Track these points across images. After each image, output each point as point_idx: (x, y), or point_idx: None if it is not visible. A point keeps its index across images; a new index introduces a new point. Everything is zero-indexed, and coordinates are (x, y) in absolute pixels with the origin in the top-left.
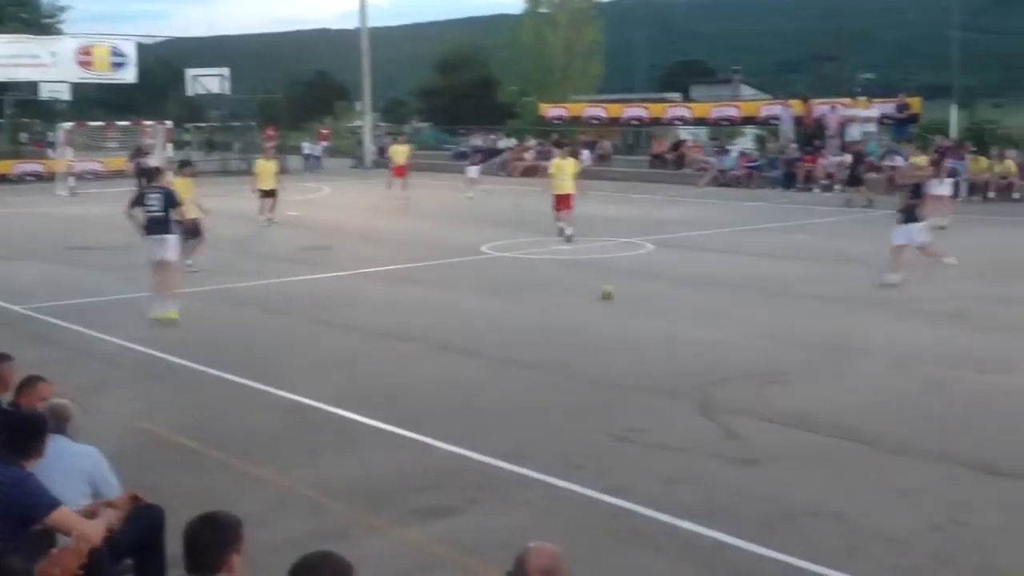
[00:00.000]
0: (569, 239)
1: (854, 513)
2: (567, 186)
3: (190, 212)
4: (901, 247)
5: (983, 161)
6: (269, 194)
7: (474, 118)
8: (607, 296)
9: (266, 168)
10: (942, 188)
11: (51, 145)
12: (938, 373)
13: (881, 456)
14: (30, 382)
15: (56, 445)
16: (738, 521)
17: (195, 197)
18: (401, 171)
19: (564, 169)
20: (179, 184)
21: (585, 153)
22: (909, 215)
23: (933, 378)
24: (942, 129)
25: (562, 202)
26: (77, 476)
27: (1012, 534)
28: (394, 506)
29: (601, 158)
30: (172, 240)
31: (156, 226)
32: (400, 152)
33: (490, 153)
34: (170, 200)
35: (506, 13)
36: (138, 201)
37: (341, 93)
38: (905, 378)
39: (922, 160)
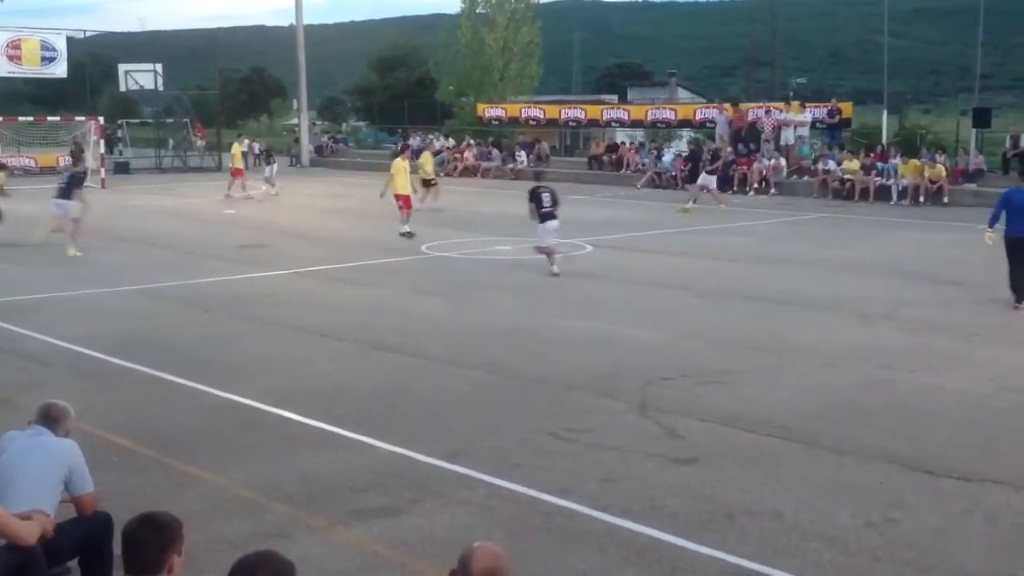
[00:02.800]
0: (410, 235)
1: (790, 511)
2: (407, 186)
3: None
4: (545, 248)
5: (914, 164)
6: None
7: (411, 117)
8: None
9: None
10: (709, 181)
11: None
12: (871, 373)
13: (817, 455)
14: None
15: (38, 439)
16: (677, 520)
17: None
18: (239, 172)
19: (405, 170)
20: None
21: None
22: (550, 216)
23: (866, 378)
24: (873, 134)
25: (407, 201)
26: (53, 467)
27: (944, 531)
28: (334, 506)
29: (539, 159)
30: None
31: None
32: (237, 151)
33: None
34: None
35: (443, 13)
36: None
37: (277, 91)
38: (839, 378)
39: (855, 164)
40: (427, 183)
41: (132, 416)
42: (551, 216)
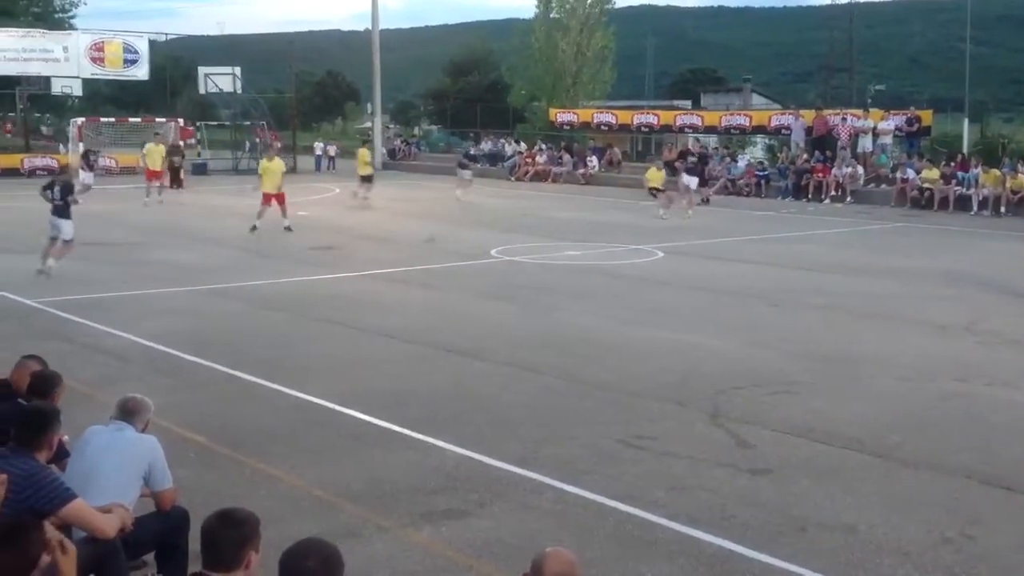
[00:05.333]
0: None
1: (865, 525)
2: (275, 185)
3: None
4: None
5: (995, 174)
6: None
7: (483, 122)
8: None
9: (272, 168)
10: (690, 183)
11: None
12: (947, 386)
13: (891, 468)
14: (22, 362)
15: (120, 434)
16: (748, 530)
17: None
18: (157, 175)
19: (271, 170)
20: None
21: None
22: (62, 211)
23: (942, 391)
24: (953, 143)
25: (270, 199)
26: (134, 462)
27: (1022, 549)
28: (403, 507)
29: (610, 164)
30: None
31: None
32: (155, 152)
33: (495, 157)
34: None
35: (517, 17)
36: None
37: (351, 94)
38: (914, 391)
39: (934, 173)
40: (656, 191)
41: (206, 413)
42: (59, 212)
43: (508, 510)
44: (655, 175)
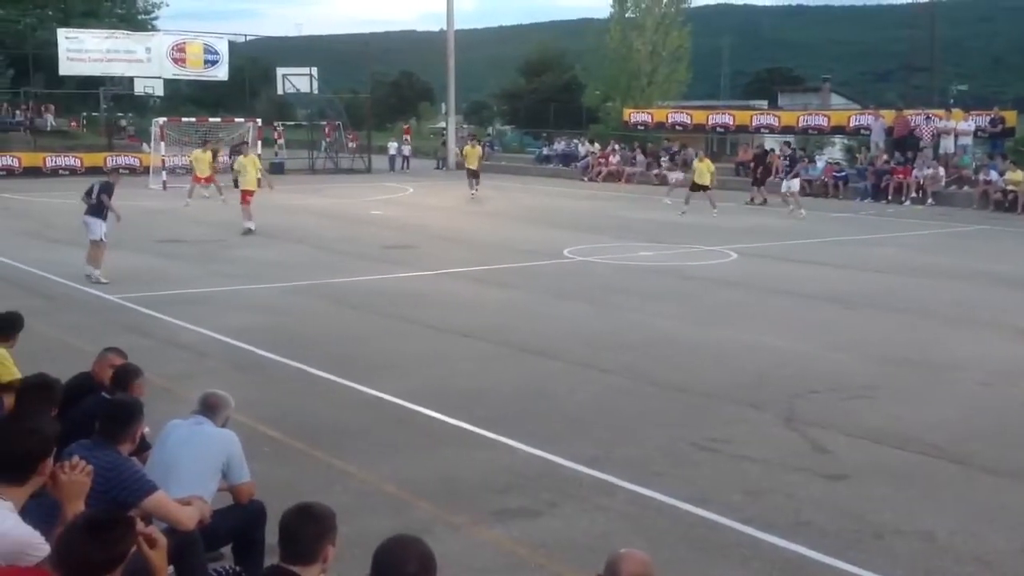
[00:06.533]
0: (250, 231)
1: (944, 533)
2: (251, 183)
3: None
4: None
5: None
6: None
7: (557, 122)
8: None
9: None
10: (791, 186)
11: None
12: None
13: (971, 475)
14: (103, 354)
15: (199, 428)
16: (824, 536)
17: None
18: (208, 180)
19: (247, 167)
20: None
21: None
22: (96, 210)
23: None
24: None
25: (246, 196)
26: (212, 456)
27: None
28: (475, 506)
29: (685, 165)
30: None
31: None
32: (202, 159)
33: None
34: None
35: (592, 17)
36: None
37: (425, 94)
38: (995, 396)
39: (1018, 175)
40: (700, 187)
41: (282, 408)
42: (93, 211)
43: (579, 510)
44: (705, 168)
